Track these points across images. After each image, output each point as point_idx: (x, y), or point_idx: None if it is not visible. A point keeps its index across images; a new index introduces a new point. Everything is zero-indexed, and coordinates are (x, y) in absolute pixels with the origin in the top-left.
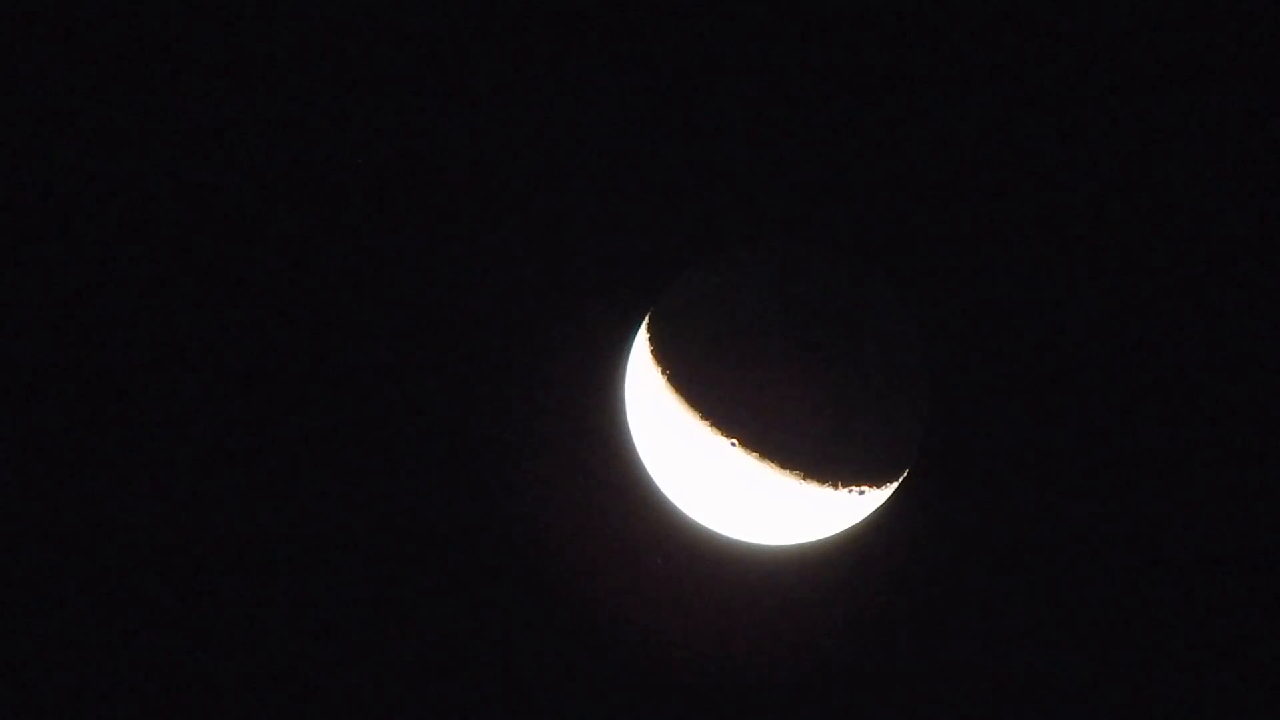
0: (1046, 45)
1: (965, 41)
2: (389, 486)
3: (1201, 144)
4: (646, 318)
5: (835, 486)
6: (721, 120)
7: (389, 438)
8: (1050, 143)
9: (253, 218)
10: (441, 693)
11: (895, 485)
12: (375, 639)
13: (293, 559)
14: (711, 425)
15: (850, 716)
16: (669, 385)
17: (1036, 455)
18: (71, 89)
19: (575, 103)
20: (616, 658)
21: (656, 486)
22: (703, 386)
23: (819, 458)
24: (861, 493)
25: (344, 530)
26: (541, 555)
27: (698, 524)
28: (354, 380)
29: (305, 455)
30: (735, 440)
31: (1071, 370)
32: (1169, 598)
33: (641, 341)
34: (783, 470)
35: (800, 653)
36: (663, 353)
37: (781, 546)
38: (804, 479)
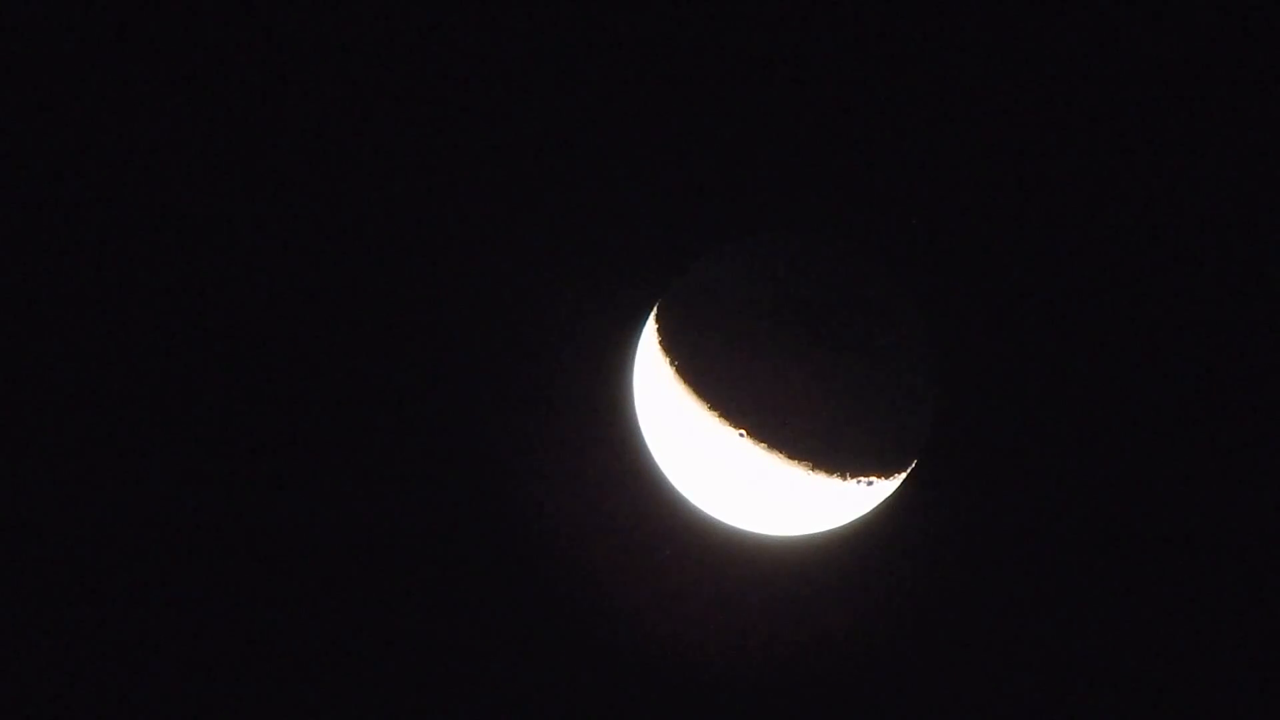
0: (1055, 40)
1: (974, 35)
2: (395, 477)
3: (1208, 140)
4: (655, 308)
5: (844, 477)
6: (732, 112)
7: (394, 431)
8: (1057, 134)
9: (254, 217)
10: (447, 685)
11: (904, 475)
12: (378, 632)
13: (299, 554)
14: (720, 416)
15: (859, 706)
16: (677, 376)
17: (1044, 445)
18: (71, 88)
19: (586, 93)
20: (624, 647)
21: (665, 477)
22: (711, 377)
23: (827, 448)
24: (870, 483)
25: (346, 522)
26: (550, 546)
27: (706, 514)
28: (359, 371)
29: (309, 447)
30: (743, 430)
31: (1079, 361)
32: (1175, 585)
33: (650, 332)
34: (791, 460)
35: (808, 642)
36: (671, 343)
37: (790, 537)
38: (812, 469)
